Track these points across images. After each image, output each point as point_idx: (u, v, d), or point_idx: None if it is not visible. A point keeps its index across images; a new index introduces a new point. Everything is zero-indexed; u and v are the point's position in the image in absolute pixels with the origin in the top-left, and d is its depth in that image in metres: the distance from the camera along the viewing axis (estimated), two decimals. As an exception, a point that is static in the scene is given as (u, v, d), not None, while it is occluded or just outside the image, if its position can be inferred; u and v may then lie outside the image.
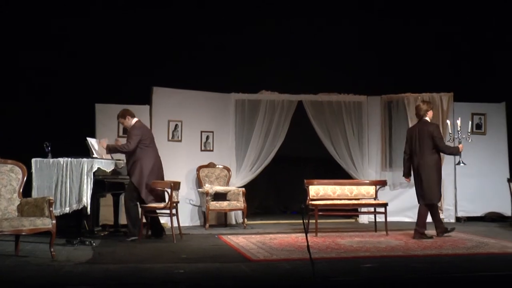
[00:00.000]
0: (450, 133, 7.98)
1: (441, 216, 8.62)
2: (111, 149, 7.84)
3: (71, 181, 7.07)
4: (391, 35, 10.57)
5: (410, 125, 9.99)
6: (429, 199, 7.82)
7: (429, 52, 10.65)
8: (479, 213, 10.13)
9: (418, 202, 7.97)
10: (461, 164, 7.97)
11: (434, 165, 7.80)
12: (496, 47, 10.41)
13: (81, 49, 9.48)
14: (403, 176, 8.22)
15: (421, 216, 7.83)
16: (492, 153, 9.96)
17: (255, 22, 10.18)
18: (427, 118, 7.99)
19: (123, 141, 8.06)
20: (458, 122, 7.98)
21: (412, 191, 10.05)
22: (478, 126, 9.94)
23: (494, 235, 8.04)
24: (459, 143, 7.87)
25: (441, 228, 7.89)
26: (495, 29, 10.38)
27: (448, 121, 8.18)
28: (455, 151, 7.91)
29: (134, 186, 7.65)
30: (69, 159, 7.15)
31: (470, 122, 8.72)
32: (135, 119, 7.92)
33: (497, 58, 10.43)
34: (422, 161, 7.81)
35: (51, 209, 6.22)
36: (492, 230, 8.82)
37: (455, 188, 10.09)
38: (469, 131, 8.11)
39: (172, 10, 9.97)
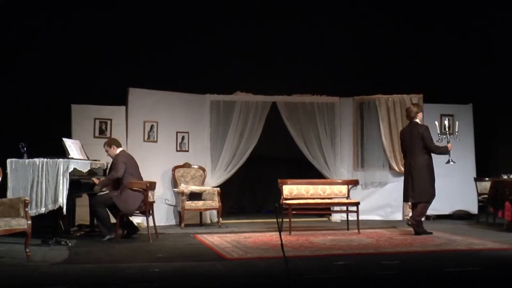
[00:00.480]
0: (438, 133, 8.22)
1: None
2: (103, 184, 7.83)
3: (47, 181, 7.04)
4: (364, 37, 10.75)
5: (381, 126, 10.28)
6: (421, 198, 8.06)
7: (400, 54, 10.89)
8: (447, 211, 10.38)
9: (404, 201, 8.23)
10: (451, 163, 8.20)
11: (427, 165, 8.05)
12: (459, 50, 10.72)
13: (57, 50, 9.43)
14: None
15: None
16: (460, 153, 10.19)
17: (230, 24, 10.27)
18: (417, 120, 8.24)
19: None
20: (446, 122, 8.30)
21: (383, 190, 10.35)
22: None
23: (461, 233, 8.28)
24: (448, 142, 8.12)
25: (419, 222, 8.04)
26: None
27: (436, 122, 8.44)
28: (444, 151, 8.13)
29: (113, 202, 7.66)
30: (45, 159, 7.11)
31: (457, 123, 9.04)
32: (120, 149, 7.99)
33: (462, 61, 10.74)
34: (413, 162, 8.06)
35: (26, 209, 6.22)
36: (460, 227, 9.07)
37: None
38: (456, 131, 8.41)
39: (149, 11, 9.99)
